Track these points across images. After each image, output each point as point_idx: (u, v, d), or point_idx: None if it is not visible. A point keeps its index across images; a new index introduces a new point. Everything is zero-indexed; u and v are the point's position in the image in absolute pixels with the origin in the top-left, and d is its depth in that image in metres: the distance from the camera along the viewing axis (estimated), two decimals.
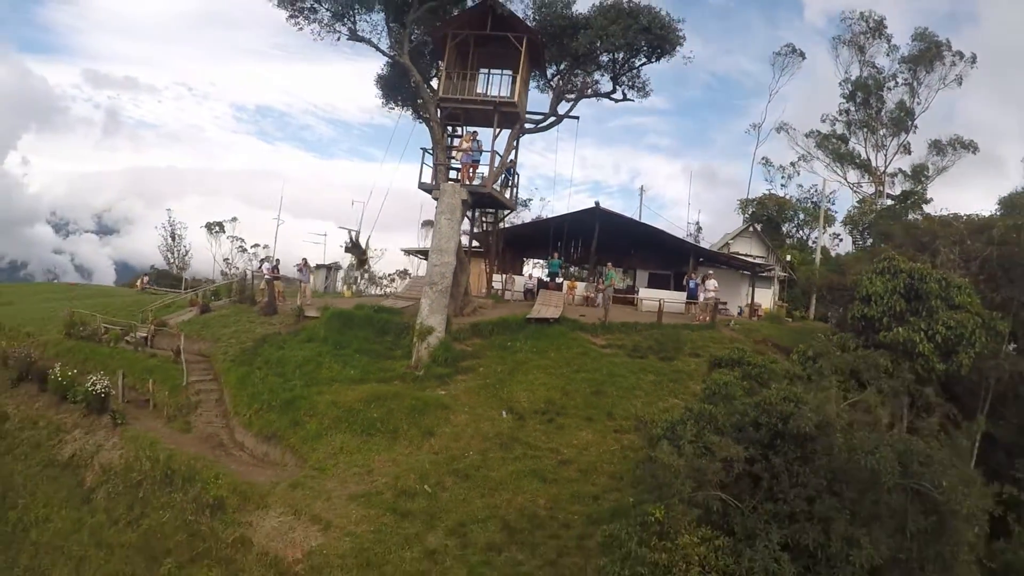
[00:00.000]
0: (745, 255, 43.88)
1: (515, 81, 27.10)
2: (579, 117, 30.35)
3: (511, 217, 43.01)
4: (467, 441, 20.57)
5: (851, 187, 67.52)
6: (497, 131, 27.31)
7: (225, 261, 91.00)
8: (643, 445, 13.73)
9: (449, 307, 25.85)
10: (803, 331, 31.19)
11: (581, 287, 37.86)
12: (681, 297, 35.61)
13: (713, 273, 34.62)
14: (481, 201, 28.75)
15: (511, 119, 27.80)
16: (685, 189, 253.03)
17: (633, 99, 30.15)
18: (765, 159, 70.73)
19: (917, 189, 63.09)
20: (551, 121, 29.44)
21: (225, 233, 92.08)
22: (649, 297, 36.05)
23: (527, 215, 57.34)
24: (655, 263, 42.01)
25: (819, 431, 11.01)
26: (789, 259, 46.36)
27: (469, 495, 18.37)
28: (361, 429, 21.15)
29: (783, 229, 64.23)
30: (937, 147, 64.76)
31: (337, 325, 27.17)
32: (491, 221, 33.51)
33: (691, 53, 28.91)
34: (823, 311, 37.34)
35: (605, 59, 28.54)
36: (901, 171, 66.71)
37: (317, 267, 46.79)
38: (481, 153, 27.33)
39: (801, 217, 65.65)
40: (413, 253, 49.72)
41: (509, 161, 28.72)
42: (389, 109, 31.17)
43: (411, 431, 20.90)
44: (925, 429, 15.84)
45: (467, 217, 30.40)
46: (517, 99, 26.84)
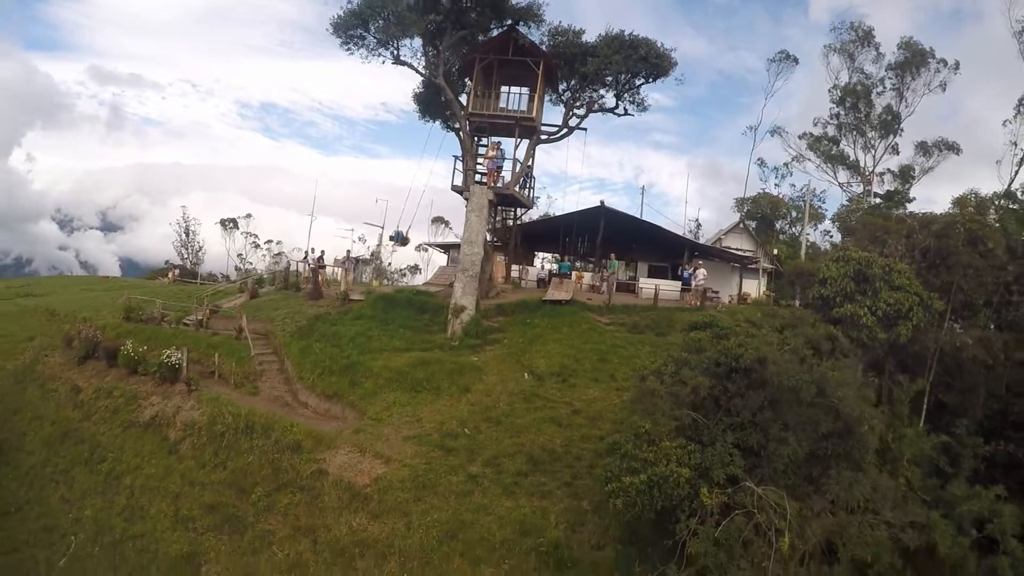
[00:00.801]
0: (736, 249, 48.36)
1: (532, 98, 32.02)
2: (587, 129, 35.23)
3: (523, 215, 47.79)
4: (497, 396, 25.34)
5: (841, 187, 71.67)
6: (518, 141, 32.20)
7: (239, 256, 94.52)
8: (636, 382, 18.26)
9: (478, 290, 30.61)
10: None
11: (588, 277, 42.48)
12: (677, 286, 40.15)
13: (703, 263, 39.24)
14: (503, 201, 33.58)
15: (529, 131, 32.69)
16: (687, 187, 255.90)
17: (633, 114, 35.02)
18: (760, 160, 74.85)
19: (901, 188, 67.32)
20: (563, 132, 34.38)
21: (239, 229, 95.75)
22: (648, 286, 40.62)
23: (535, 212, 61.97)
24: (654, 256, 46.56)
25: (759, 364, 15.66)
26: (776, 253, 50.82)
27: (500, 436, 23.13)
28: (409, 387, 25.96)
29: (776, 226, 68.62)
30: (923, 148, 68.83)
31: (382, 305, 32.01)
32: (510, 219, 38.20)
33: (682, 76, 33.66)
34: (792, 293, 41.44)
35: (609, 80, 33.39)
36: (889, 171, 70.87)
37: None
38: (504, 160, 32.25)
39: (793, 215, 69.96)
40: (434, 247, 54.33)
41: (527, 167, 33.56)
42: (425, 121, 35.99)
43: (451, 388, 25.71)
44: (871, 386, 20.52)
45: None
46: (534, 114, 31.76)
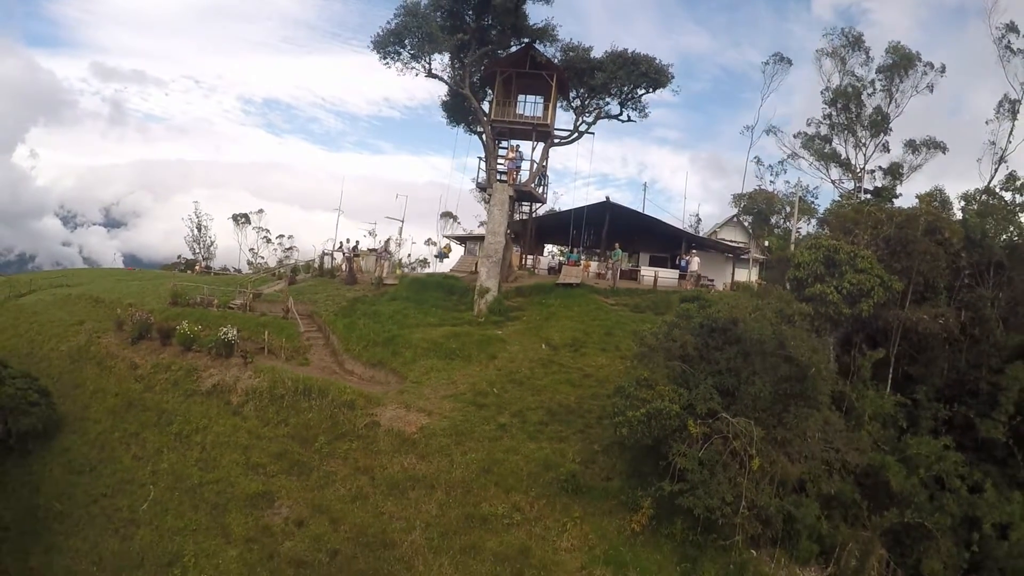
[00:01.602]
0: (731, 241, 52.71)
1: (547, 107, 36.51)
2: (595, 133, 39.78)
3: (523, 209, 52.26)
4: (519, 362, 29.74)
5: (833, 183, 75.66)
6: (534, 144, 36.70)
7: (251, 251, 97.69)
8: (638, 342, 22.62)
9: (499, 274, 35.04)
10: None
11: (594, 266, 46.85)
12: (675, 274, 44.56)
13: (697, 253, 43.64)
14: (521, 197, 38.04)
15: (544, 135, 37.19)
16: (690, 181, 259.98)
17: (636, 120, 39.54)
18: (757, 158, 78.77)
19: (889, 185, 71.39)
20: (574, 136, 38.96)
21: (251, 224, 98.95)
22: (649, 274, 44.99)
23: (542, 207, 66.29)
24: (655, 247, 50.89)
25: (732, 324, 20.02)
26: (767, 244, 55.11)
27: (523, 394, 27.55)
28: (444, 355, 30.40)
29: (772, 220, 72.81)
30: (912, 146, 72.93)
31: (415, 288, 36.52)
32: (522, 213, 42.65)
33: (678, 87, 38.36)
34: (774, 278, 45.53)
35: (614, 91, 37.85)
36: (880, 168, 74.91)
37: (369, 251, 55.96)
38: (522, 161, 36.70)
39: (787, 210, 74.10)
40: (452, 239, 58.75)
41: (542, 167, 38.04)
42: (451, 126, 40.52)
43: (480, 356, 30.13)
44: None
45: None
46: (549, 120, 36.27)
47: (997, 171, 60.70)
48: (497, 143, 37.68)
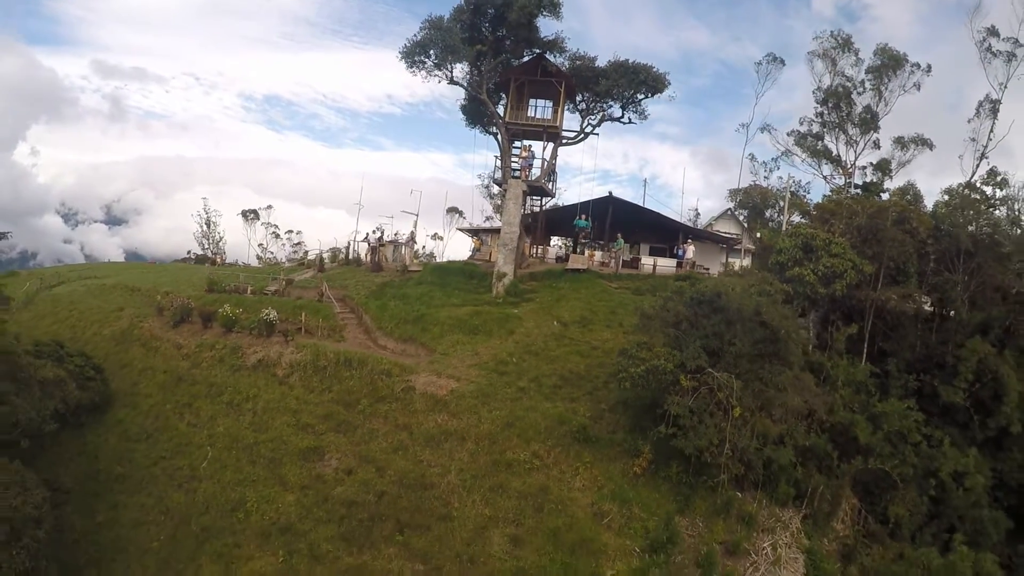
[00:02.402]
0: (725, 233, 56.57)
1: (556, 110, 40.57)
2: (599, 134, 43.87)
3: (536, 203, 56.35)
4: (534, 337, 33.72)
5: (825, 179, 79.32)
6: (544, 144, 40.80)
7: (260, 246, 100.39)
8: (639, 314, 26.63)
9: (515, 261, 39.02)
10: None
11: (598, 255, 50.76)
12: (672, 262, 48.44)
13: (692, 243, 47.58)
14: (533, 191, 42.06)
15: (553, 136, 41.32)
16: (691, 176, 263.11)
17: (636, 122, 43.64)
18: (751, 155, 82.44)
19: (878, 180, 75.12)
20: (580, 137, 43.09)
21: (260, 220, 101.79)
22: (648, 262, 48.92)
23: (550, 201, 70.29)
24: (654, 239, 54.72)
25: (717, 296, 23.97)
26: (759, 236, 58.95)
27: (539, 363, 31.50)
28: (468, 331, 34.36)
29: (767, 214, 76.59)
30: (901, 143, 76.60)
31: (438, 273, 40.58)
32: (535, 207, 46.66)
33: (674, 93, 42.80)
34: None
35: (616, 96, 41.91)
36: (870, 164, 78.55)
37: (387, 242, 59.85)
38: (533, 159, 40.73)
39: (781, 204, 77.79)
40: (467, 232, 62.67)
41: (552, 165, 42.08)
42: (469, 127, 44.69)
43: (499, 331, 34.12)
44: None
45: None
46: (557, 122, 40.37)
47: (979, 167, 64.82)
48: (511, 143, 41.77)
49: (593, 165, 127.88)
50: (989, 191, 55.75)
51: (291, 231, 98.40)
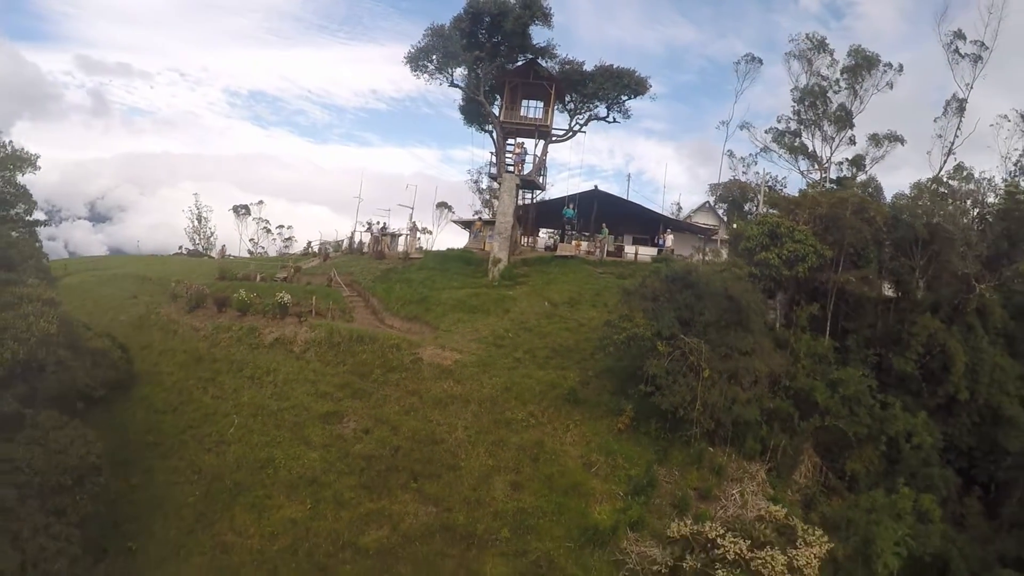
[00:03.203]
0: (703, 224, 60.29)
1: (546, 110, 44.25)
2: (586, 132, 47.64)
3: (528, 196, 60.02)
4: (527, 315, 37.34)
5: (802, 174, 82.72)
6: (536, 141, 44.50)
7: (251, 241, 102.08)
8: (622, 291, 30.32)
9: (508, 248, 42.66)
10: None
11: (584, 245, 54.34)
12: (653, 251, 52.09)
13: (672, 232, 51.32)
14: (525, 185, 45.77)
15: (544, 134, 45.13)
16: (677, 170, 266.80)
17: (620, 121, 47.48)
18: (730, 151, 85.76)
19: (852, 175, 78.71)
20: (569, 135, 46.80)
21: (251, 216, 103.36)
22: (631, 251, 52.58)
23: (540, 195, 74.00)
24: (637, 229, 58.32)
25: (687, 273, 27.66)
26: (735, 227, 62.62)
27: (532, 338, 35.12)
28: (468, 310, 37.94)
29: (746, 207, 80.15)
30: (875, 140, 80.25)
31: (439, 260, 44.20)
32: (526, 200, 50.35)
33: (654, 94, 46.96)
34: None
35: (602, 97, 45.70)
36: (846, 159, 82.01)
37: (388, 233, 63.29)
38: (526, 155, 44.50)
39: (759, 198, 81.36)
40: (458, 223, 66.07)
41: (542, 160, 45.80)
42: (467, 126, 48.45)
43: (496, 310, 37.72)
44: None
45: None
46: (548, 121, 44.13)
47: (946, 162, 68.72)
48: (505, 140, 45.44)
49: (580, 161, 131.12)
50: (956, 184, 59.83)
51: (282, 226, 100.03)
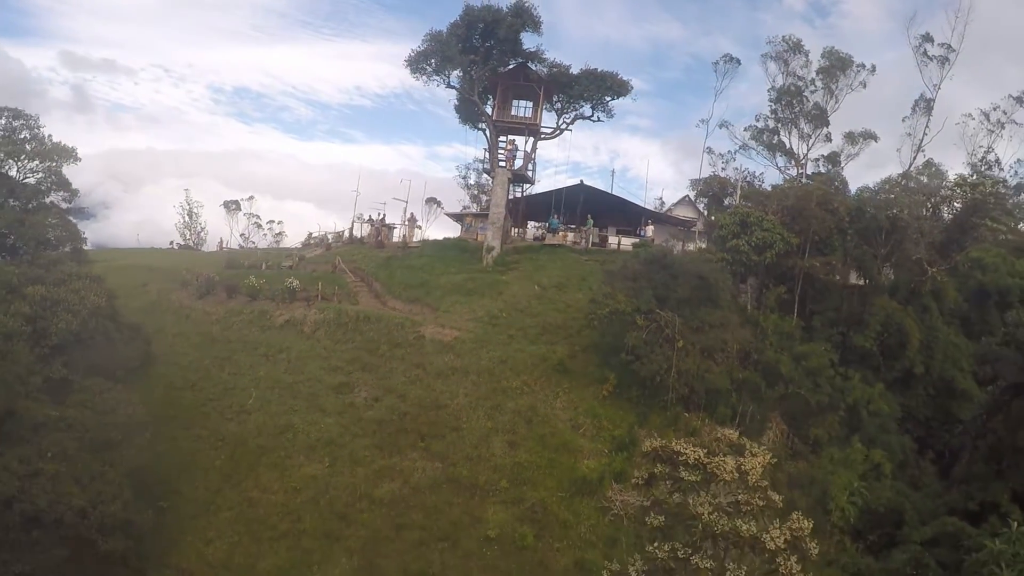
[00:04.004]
0: (682, 216, 63.79)
1: (535, 110, 47.87)
2: (572, 130, 51.30)
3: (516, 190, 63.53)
4: (520, 297, 40.84)
5: (779, 170, 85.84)
6: (526, 139, 48.22)
7: (242, 236, 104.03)
8: (606, 274, 33.89)
9: (501, 237, 46.16)
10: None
11: (571, 236, 57.82)
12: (635, 241, 55.61)
13: (652, 224, 54.94)
14: (516, 179, 49.34)
15: (533, 132, 48.89)
16: (661, 166, 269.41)
17: (604, 120, 51.20)
18: (709, 148, 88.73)
19: (827, 171, 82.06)
20: (556, 133, 50.48)
21: (242, 211, 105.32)
22: (615, 241, 56.00)
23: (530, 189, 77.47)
24: (620, 222, 61.50)
25: (663, 256, 31.23)
26: (713, 219, 66.15)
27: (524, 318, 38.61)
28: (465, 293, 41.38)
29: (725, 202, 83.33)
30: (850, 138, 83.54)
31: (437, 248, 47.81)
32: (516, 194, 53.81)
33: (636, 95, 50.87)
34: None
35: (587, 98, 49.34)
36: (822, 156, 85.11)
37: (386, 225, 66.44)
38: (516, 151, 48.07)
39: (738, 192, 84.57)
40: (451, 216, 69.34)
41: (531, 156, 49.46)
42: (461, 124, 52.05)
43: (491, 293, 41.19)
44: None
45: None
46: (537, 120, 47.79)
47: (915, 159, 72.45)
48: (497, 138, 49.05)
49: (567, 158, 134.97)
50: (925, 180, 63.17)
51: (272, 221, 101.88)
